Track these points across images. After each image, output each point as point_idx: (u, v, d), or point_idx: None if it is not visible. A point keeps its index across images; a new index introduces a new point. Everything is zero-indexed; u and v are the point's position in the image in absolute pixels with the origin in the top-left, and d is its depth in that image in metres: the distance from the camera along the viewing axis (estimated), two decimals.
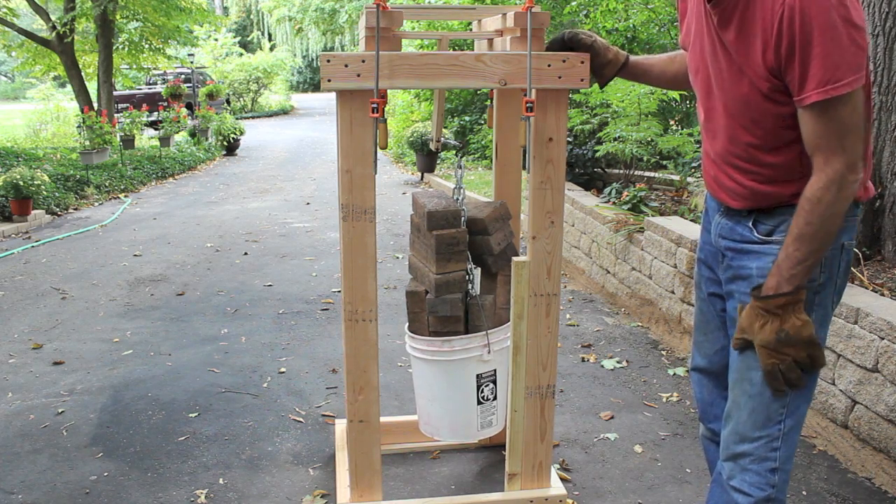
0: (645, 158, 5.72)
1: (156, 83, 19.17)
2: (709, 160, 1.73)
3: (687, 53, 1.79)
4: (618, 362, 3.70)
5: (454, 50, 7.68)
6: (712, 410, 1.90)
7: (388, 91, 2.64)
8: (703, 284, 1.86)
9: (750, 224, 1.63)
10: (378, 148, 2.04)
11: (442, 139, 3.22)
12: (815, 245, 1.49)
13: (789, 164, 1.55)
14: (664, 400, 3.29)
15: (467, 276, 2.42)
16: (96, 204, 8.64)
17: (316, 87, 34.84)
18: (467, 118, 11.36)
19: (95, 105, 12.16)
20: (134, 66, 14.47)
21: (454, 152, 10.93)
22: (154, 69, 16.21)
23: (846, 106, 1.43)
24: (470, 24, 2.87)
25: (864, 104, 1.49)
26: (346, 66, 1.95)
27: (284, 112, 25.15)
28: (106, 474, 2.71)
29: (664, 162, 6.13)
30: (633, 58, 2.05)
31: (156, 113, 13.70)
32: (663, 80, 2.07)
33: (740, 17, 1.52)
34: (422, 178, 10.23)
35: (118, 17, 12.17)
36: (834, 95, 1.41)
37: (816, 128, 1.45)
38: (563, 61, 2.02)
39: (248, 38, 33.34)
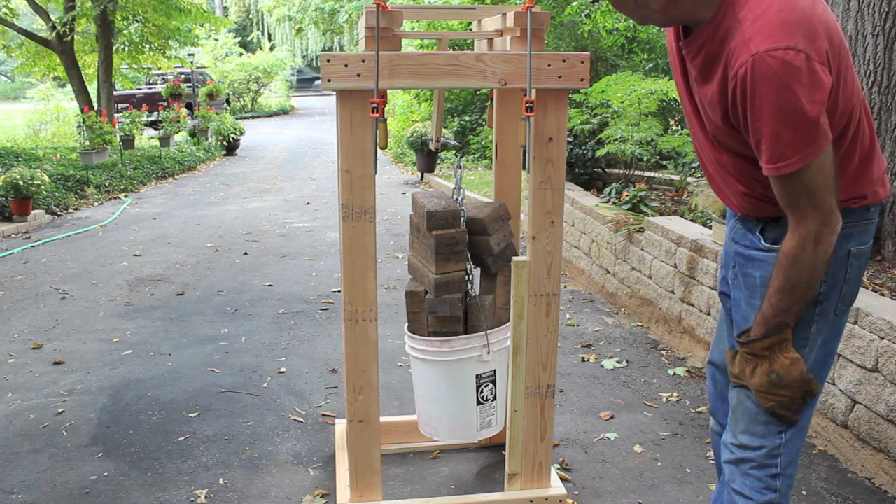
0: (645, 158, 5.72)
1: (156, 83, 19.16)
2: (711, 175, 1.73)
3: None
4: (618, 362, 3.70)
5: (454, 50, 7.68)
6: (722, 406, 1.90)
7: (388, 91, 2.64)
8: (719, 282, 1.88)
9: (758, 231, 1.63)
10: (378, 148, 2.04)
11: (442, 139, 3.22)
12: (798, 295, 1.49)
13: None
14: (664, 400, 3.29)
15: (467, 277, 2.42)
16: (96, 204, 8.64)
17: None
18: (467, 118, 11.35)
19: (95, 105, 12.15)
20: (134, 67, 14.45)
21: (454, 152, 10.93)
22: (155, 70, 16.18)
23: (806, 173, 1.39)
24: (470, 24, 2.87)
25: (853, 135, 1.48)
26: (346, 65, 1.95)
27: (284, 112, 25.14)
28: (106, 474, 2.71)
29: (664, 162, 6.13)
30: None
31: (156, 113, 13.67)
32: None
33: (703, 64, 1.50)
34: (422, 178, 10.23)
35: (118, 17, 12.17)
36: (785, 173, 1.39)
37: (783, 192, 1.44)
38: (563, 61, 2.02)
39: (248, 38, 33.33)
